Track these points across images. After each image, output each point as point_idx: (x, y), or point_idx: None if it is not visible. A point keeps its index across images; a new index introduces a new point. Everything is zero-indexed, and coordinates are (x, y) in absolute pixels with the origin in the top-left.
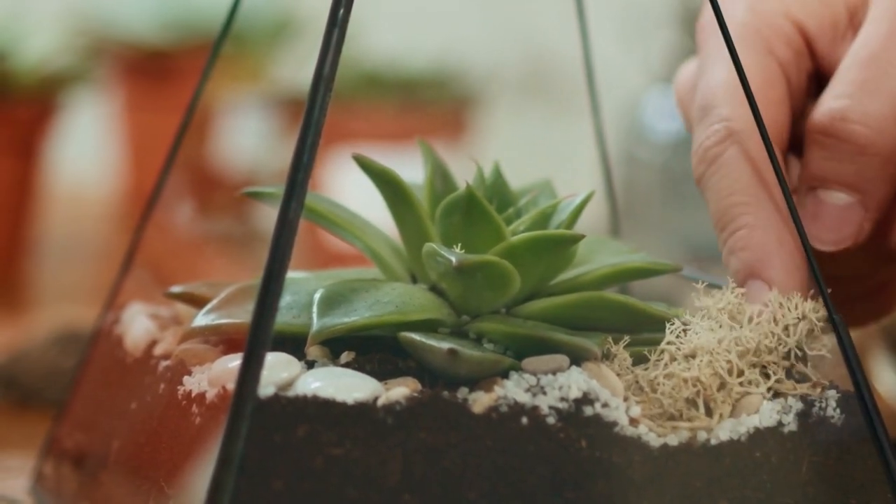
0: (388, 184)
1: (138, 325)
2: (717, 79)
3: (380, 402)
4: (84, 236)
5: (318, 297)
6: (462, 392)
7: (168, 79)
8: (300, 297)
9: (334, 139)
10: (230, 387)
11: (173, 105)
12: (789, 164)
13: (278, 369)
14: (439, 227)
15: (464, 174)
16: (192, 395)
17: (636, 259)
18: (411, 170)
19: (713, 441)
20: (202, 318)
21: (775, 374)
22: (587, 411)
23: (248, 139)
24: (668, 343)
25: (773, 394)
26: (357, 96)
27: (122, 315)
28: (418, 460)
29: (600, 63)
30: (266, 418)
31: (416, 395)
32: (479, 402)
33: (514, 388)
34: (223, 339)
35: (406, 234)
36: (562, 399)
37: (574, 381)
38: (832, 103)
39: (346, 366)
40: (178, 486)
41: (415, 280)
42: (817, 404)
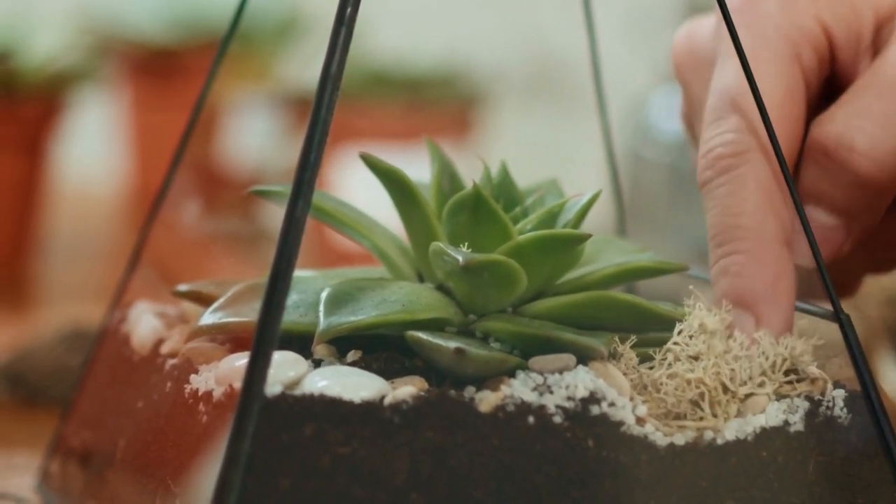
0: (395, 183)
1: (145, 323)
2: (739, 81)
3: (386, 401)
4: (90, 235)
5: (324, 295)
6: (469, 391)
7: (174, 77)
8: (307, 296)
9: (341, 138)
10: (237, 385)
11: (180, 104)
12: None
13: (285, 368)
14: (446, 226)
15: (470, 173)
16: (199, 393)
17: (643, 258)
18: (418, 169)
19: (719, 441)
20: (209, 317)
21: (780, 381)
22: (594, 410)
23: (255, 138)
24: (674, 343)
25: (777, 395)
26: (364, 95)
27: (128, 313)
28: (425, 459)
29: (607, 62)
30: (273, 417)
31: (422, 394)
32: (486, 401)
33: (520, 388)
34: (230, 338)
35: (413, 234)
36: (568, 398)
37: (581, 381)
38: (841, 128)
39: (353, 364)
40: (184, 485)
41: (422, 279)
42: (824, 404)
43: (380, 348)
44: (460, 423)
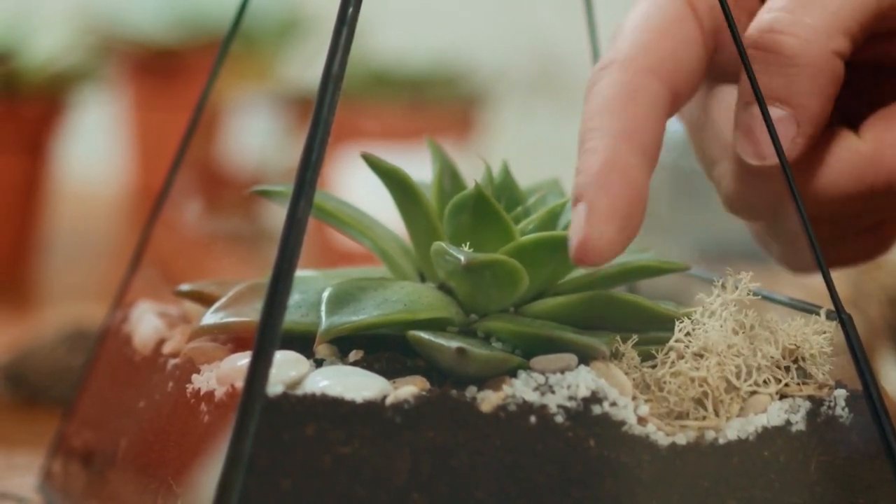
0: (396, 183)
1: (147, 323)
2: (629, 20)
3: (388, 401)
4: (92, 235)
5: (326, 295)
6: (470, 391)
7: (176, 77)
8: (309, 296)
9: (343, 138)
10: (239, 385)
11: (181, 104)
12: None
13: (287, 368)
14: (448, 225)
15: (472, 173)
16: (201, 393)
17: (644, 258)
18: (420, 168)
19: (721, 440)
20: (211, 317)
21: (784, 379)
22: (595, 410)
23: (257, 138)
24: (677, 341)
25: (780, 395)
26: (365, 95)
27: (130, 313)
28: (426, 459)
29: None
30: (274, 417)
31: (424, 393)
32: (488, 400)
33: (522, 387)
34: (232, 338)
35: (414, 233)
36: (570, 398)
37: (582, 380)
38: (764, 16)
39: (355, 364)
40: (186, 485)
41: (423, 279)
42: (825, 404)
43: (381, 348)
44: (462, 423)
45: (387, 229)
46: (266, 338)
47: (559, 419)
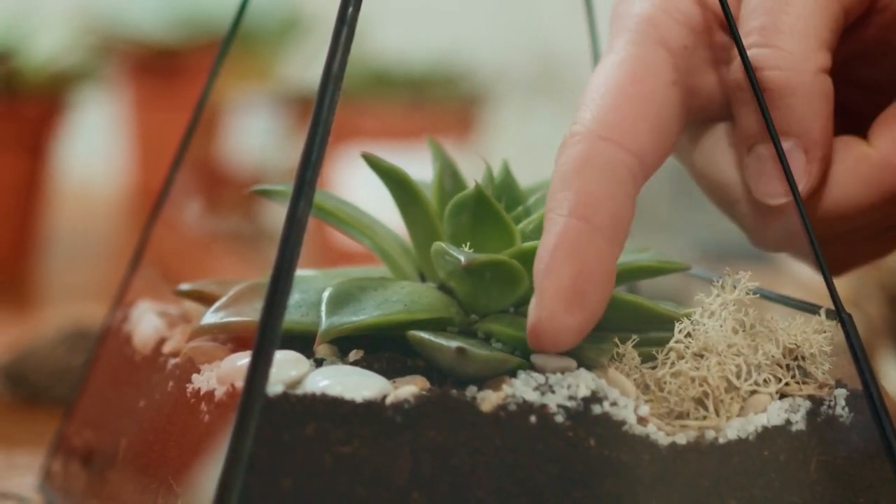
0: (396, 182)
1: (147, 322)
2: (597, 79)
3: (388, 401)
4: (92, 234)
5: (326, 295)
6: (470, 390)
7: (176, 77)
8: (309, 296)
9: (343, 137)
10: (239, 385)
11: (182, 103)
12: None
13: (287, 367)
14: (448, 226)
15: (472, 172)
16: (201, 393)
17: (644, 258)
18: (420, 168)
19: (721, 440)
20: (211, 317)
21: (784, 378)
22: (596, 410)
23: (257, 137)
24: (677, 342)
25: (780, 395)
26: (366, 95)
27: (130, 313)
28: (427, 459)
29: None
30: (275, 416)
31: (424, 393)
32: (488, 400)
33: (522, 387)
34: (232, 337)
35: (415, 233)
36: (570, 398)
37: (582, 380)
38: (751, 53)
39: (355, 364)
40: (186, 484)
41: (423, 279)
42: (825, 403)
43: (381, 348)
44: (462, 423)
45: (387, 229)
46: (266, 337)
47: (559, 419)
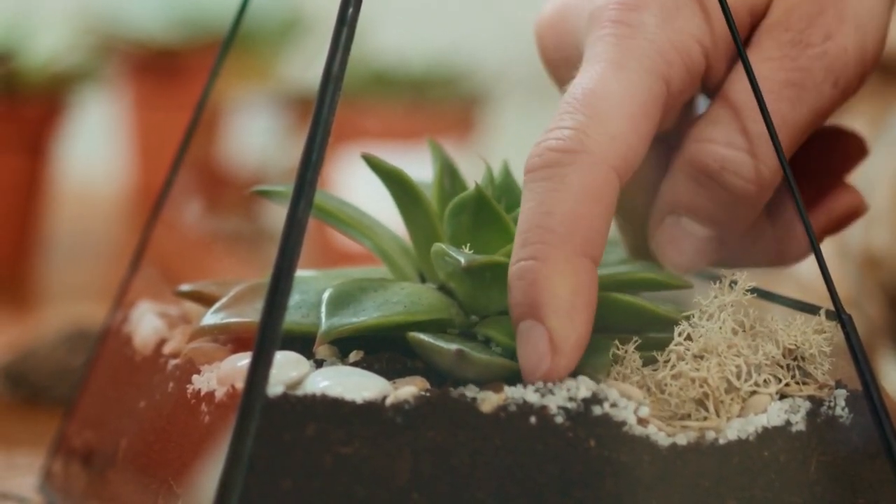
0: (397, 183)
1: (147, 323)
2: (595, 84)
3: (388, 401)
4: (93, 235)
5: (326, 296)
6: (471, 391)
7: (177, 77)
8: (309, 296)
9: (343, 138)
10: (239, 385)
11: (182, 103)
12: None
13: (287, 368)
14: (448, 227)
15: (473, 173)
16: (201, 393)
17: (648, 269)
18: (420, 168)
19: (721, 440)
20: (211, 317)
21: (784, 378)
22: (596, 411)
23: (257, 138)
24: (676, 345)
25: (780, 395)
26: (366, 95)
27: (130, 313)
28: (427, 459)
29: None
30: (275, 417)
31: (424, 394)
32: (488, 401)
33: (522, 388)
34: (232, 338)
35: (415, 234)
36: (570, 399)
37: (582, 381)
38: (722, 150)
39: (355, 364)
40: (186, 485)
41: (423, 279)
42: (825, 403)
43: (381, 348)
44: (462, 424)
45: (387, 229)
46: (266, 338)
47: (559, 420)
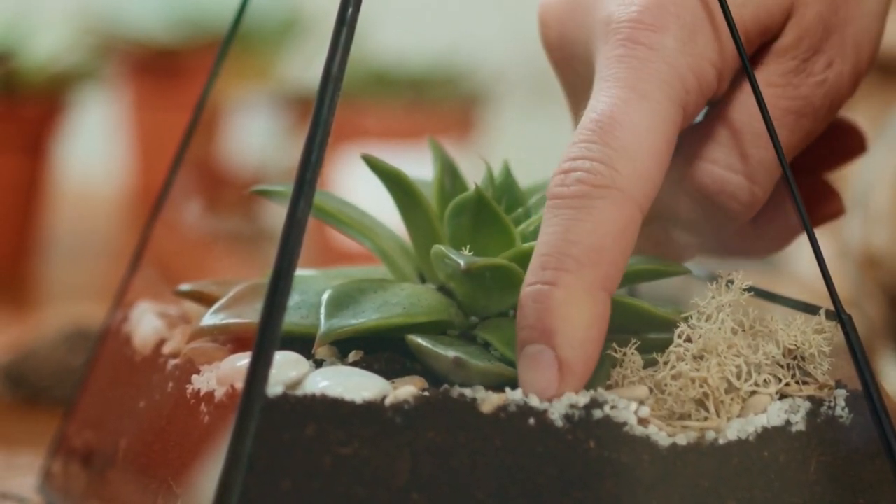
0: (397, 184)
1: (147, 323)
2: (622, 114)
3: (388, 402)
4: (92, 234)
5: (326, 297)
6: (470, 392)
7: (176, 77)
8: (309, 297)
9: (343, 138)
10: (239, 386)
11: (182, 103)
12: None
13: (287, 368)
14: (448, 227)
15: (473, 173)
16: (201, 393)
17: (645, 260)
18: (420, 168)
19: (721, 441)
20: (211, 318)
21: (784, 378)
22: (596, 411)
23: (257, 137)
24: (676, 346)
25: (780, 395)
26: (366, 95)
27: (130, 313)
28: (426, 459)
29: None
30: (274, 417)
31: (424, 394)
32: (488, 401)
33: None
34: (232, 338)
35: (415, 234)
36: (571, 406)
37: (584, 394)
38: (723, 173)
39: (354, 365)
40: (186, 485)
41: (423, 279)
42: (825, 404)
43: (381, 348)
44: (462, 424)
45: (387, 229)
46: (266, 338)
47: (559, 420)
